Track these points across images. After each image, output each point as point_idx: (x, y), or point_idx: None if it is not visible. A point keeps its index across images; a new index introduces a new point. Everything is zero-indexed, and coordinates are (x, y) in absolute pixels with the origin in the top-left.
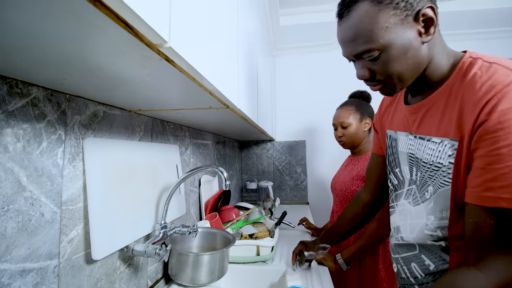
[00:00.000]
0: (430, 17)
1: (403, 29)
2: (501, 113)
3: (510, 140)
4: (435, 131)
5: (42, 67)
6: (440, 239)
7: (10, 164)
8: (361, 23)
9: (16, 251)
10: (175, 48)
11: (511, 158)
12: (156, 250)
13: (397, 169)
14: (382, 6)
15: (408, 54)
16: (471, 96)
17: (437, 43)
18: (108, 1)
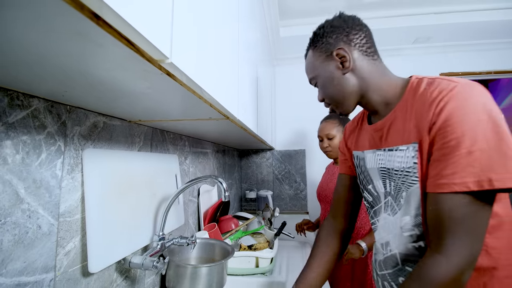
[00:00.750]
0: (343, 55)
1: (326, 65)
2: (447, 112)
3: (456, 134)
4: (401, 140)
5: (44, 80)
6: (419, 239)
7: (8, 176)
8: (308, 61)
9: (12, 265)
10: (176, 64)
11: (458, 149)
12: (154, 263)
13: (369, 185)
14: (314, 49)
15: (334, 82)
16: (424, 104)
17: (372, 74)
18: (111, 20)
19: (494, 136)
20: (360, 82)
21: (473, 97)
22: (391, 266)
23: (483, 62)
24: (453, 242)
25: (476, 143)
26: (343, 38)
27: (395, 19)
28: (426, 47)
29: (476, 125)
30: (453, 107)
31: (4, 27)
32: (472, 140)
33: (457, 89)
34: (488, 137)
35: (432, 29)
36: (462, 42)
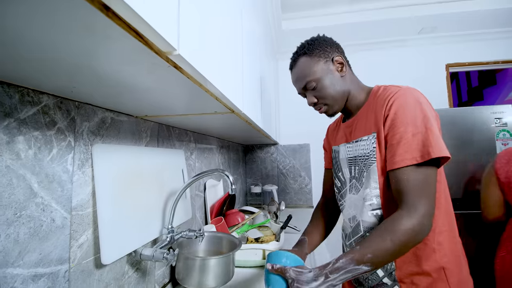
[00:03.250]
0: (341, 61)
1: (327, 68)
2: (395, 107)
3: (402, 123)
4: (363, 133)
5: (54, 76)
6: (377, 208)
7: (22, 171)
8: (303, 67)
9: (28, 257)
10: (183, 55)
11: (405, 134)
12: (164, 255)
13: (339, 173)
14: (311, 56)
15: (334, 82)
16: (379, 103)
17: (353, 81)
18: (120, 11)
19: (426, 123)
20: (348, 87)
21: (411, 97)
22: (356, 234)
23: (490, 51)
24: (412, 201)
25: (417, 128)
26: (335, 49)
27: (400, 9)
28: (432, 37)
29: (414, 117)
30: (398, 104)
31: (16, 22)
32: (413, 127)
33: (400, 91)
34: (423, 124)
35: (437, 18)
36: (468, 32)
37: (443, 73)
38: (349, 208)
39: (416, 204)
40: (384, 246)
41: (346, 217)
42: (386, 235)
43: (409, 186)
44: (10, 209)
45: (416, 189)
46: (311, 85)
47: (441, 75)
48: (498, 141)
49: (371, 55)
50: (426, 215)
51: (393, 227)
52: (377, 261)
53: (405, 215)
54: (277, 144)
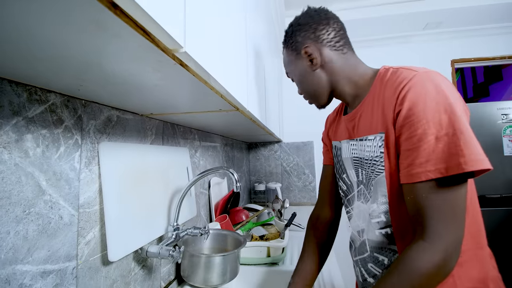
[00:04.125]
0: (310, 53)
1: (297, 63)
2: (410, 101)
3: (421, 123)
4: (369, 130)
5: (61, 75)
6: (386, 225)
7: (30, 169)
8: (283, 58)
9: (37, 253)
10: (189, 53)
11: (426, 136)
12: (170, 252)
13: (344, 174)
14: (286, 48)
15: (306, 79)
16: (389, 93)
17: (342, 67)
18: (128, 8)
19: (454, 122)
20: (330, 77)
21: (432, 85)
22: (362, 252)
23: (497, 46)
24: (436, 228)
25: (442, 129)
26: (310, 35)
27: (404, 4)
28: (437, 33)
29: (438, 113)
30: (414, 95)
31: (28, 21)
32: (437, 127)
33: (416, 77)
34: (451, 123)
35: (443, 13)
36: (474, 27)
37: (448, 69)
38: (358, 219)
39: (441, 232)
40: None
41: (354, 229)
42: (404, 277)
43: (431, 208)
44: (19, 207)
45: (441, 213)
46: (290, 77)
47: (446, 71)
48: (505, 138)
49: (375, 52)
50: (453, 244)
51: (412, 266)
52: None
53: (427, 249)
54: (281, 142)
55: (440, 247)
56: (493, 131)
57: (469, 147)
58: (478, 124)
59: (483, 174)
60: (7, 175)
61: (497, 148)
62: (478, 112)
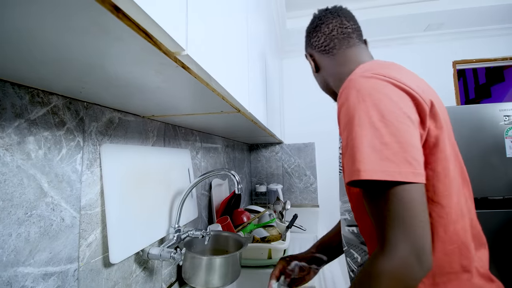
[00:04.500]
0: (309, 60)
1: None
2: (339, 107)
3: (341, 130)
4: None
5: (64, 77)
6: (351, 224)
7: (32, 171)
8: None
9: (39, 255)
10: (191, 55)
11: (344, 143)
12: (171, 254)
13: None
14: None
15: (315, 78)
16: None
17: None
18: (131, 12)
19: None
20: (328, 79)
21: (355, 92)
22: (344, 245)
23: (498, 48)
24: (387, 236)
25: (349, 137)
26: (308, 43)
27: (406, 6)
28: (439, 34)
29: (349, 120)
30: (341, 102)
31: (28, 24)
32: (347, 135)
33: (345, 85)
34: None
35: (444, 14)
36: (475, 28)
37: (450, 70)
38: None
39: (392, 240)
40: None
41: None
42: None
43: (376, 215)
44: (21, 209)
45: (386, 219)
46: None
47: (448, 72)
48: (507, 139)
49: (376, 53)
50: (410, 253)
51: (373, 273)
52: None
53: (384, 255)
54: (282, 143)
55: (395, 254)
56: (495, 133)
57: (364, 157)
58: (480, 126)
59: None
60: (9, 177)
61: (500, 150)
62: (480, 113)
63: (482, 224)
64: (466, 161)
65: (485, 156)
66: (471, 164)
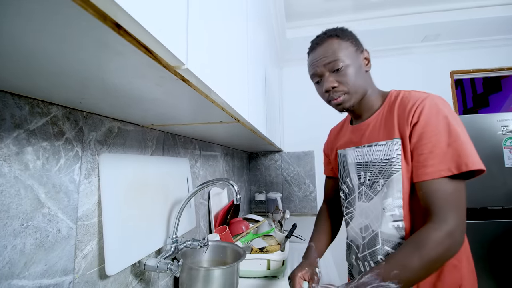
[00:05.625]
0: (367, 57)
1: (356, 57)
2: (425, 116)
3: (433, 133)
4: (379, 137)
5: (64, 89)
6: (399, 219)
7: (30, 182)
8: (331, 46)
9: (34, 268)
10: (191, 69)
11: (439, 143)
12: (168, 265)
13: (347, 178)
14: (343, 40)
15: (359, 73)
16: (404, 109)
17: (371, 82)
18: (132, 29)
19: (460, 133)
20: (369, 84)
21: (443, 105)
22: (372, 246)
23: (495, 58)
24: (443, 214)
25: (452, 138)
26: (362, 45)
27: (403, 18)
28: (436, 45)
29: (448, 126)
30: (429, 112)
31: (29, 39)
32: (448, 136)
33: (430, 98)
34: (457, 134)
35: (441, 26)
36: (472, 39)
37: (447, 80)
38: (360, 217)
39: (446, 217)
40: (412, 261)
41: (356, 226)
42: (415, 249)
43: (440, 198)
44: (17, 220)
45: (447, 202)
46: (337, 65)
47: (445, 82)
48: (506, 149)
49: (375, 63)
50: (457, 229)
51: (422, 241)
52: (404, 278)
53: (436, 228)
54: (281, 151)
55: (446, 229)
56: (494, 143)
57: (473, 153)
58: (479, 136)
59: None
60: (6, 188)
61: (498, 160)
62: (478, 123)
63: (481, 234)
64: None
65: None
66: None
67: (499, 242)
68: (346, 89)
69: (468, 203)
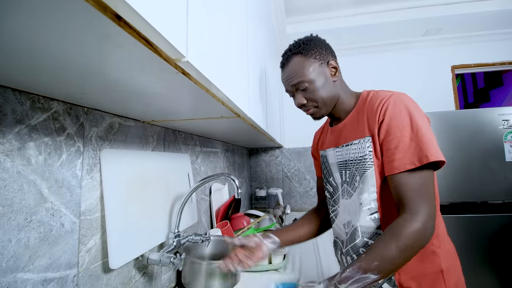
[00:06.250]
0: (335, 66)
1: (321, 71)
2: (390, 113)
3: (398, 129)
4: (353, 137)
5: (65, 83)
6: (375, 211)
7: (32, 177)
8: (296, 66)
9: (38, 261)
10: (191, 62)
11: (401, 138)
12: (171, 259)
13: (330, 178)
14: (306, 57)
15: (326, 86)
16: (372, 108)
17: (342, 86)
18: (132, 20)
19: (421, 127)
20: (339, 91)
21: (405, 102)
22: (353, 240)
23: (496, 52)
24: (414, 205)
25: (413, 133)
26: (330, 53)
27: (404, 12)
28: (437, 39)
29: (410, 121)
30: (393, 109)
31: (30, 33)
32: (410, 131)
33: (394, 96)
34: (418, 128)
35: (442, 20)
36: (474, 33)
37: (448, 74)
38: (343, 213)
39: (418, 207)
40: (390, 251)
41: (340, 222)
42: (391, 240)
43: (409, 191)
44: (21, 214)
45: (416, 193)
46: (303, 85)
47: (446, 77)
48: (506, 143)
49: (376, 58)
50: (429, 217)
51: (397, 232)
52: (384, 268)
53: (409, 219)
54: (282, 147)
55: (418, 218)
56: (494, 137)
57: (433, 145)
58: (479, 130)
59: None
60: (10, 183)
61: (499, 154)
62: (478, 118)
63: (481, 228)
64: (466, 166)
65: (484, 160)
66: (471, 168)
67: (499, 236)
68: (315, 103)
69: (469, 197)
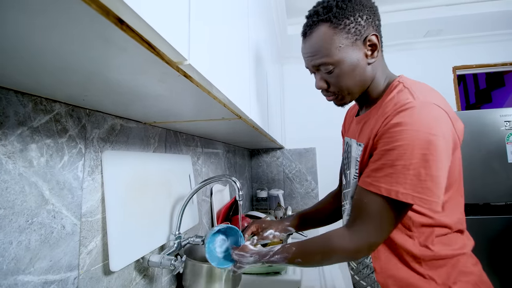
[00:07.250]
0: (375, 43)
1: (353, 50)
2: (389, 125)
3: (391, 145)
4: (364, 138)
5: (67, 86)
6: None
7: (34, 178)
8: (320, 41)
9: (39, 263)
10: (193, 65)
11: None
12: (172, 261)
13: (348, 171)
14: (337, 30)
15: (356, 71)
16: (384, 110)
17: (380, 66)
18: (134, 24)
19: (421, 160)
20: (374, 74)
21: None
22: None
23: (498, 53)
24: (360, 226)
25: (401, 159)
26: (372, 22)
27: (405, 13)
28: (438, 40)
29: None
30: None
31: (33, 36)
32: (399, 155)
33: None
34: (415, 159)
35: (443, 21)
36: (475, 34)
37: (450, 75)
38: (347, 215)
39: (362, 230)
40: (314, 257)
41: (346, 220)
42: (321, 249)
43: (364, 211)
44: (22, 216)
45: (370, 218)
46: (326, 68)
47: (448, 78)
48: (509, 145)
49: None
50: (367, 243)
51: (330, 243)
52: (303, 266)
53: (346, 236)
54: (283, 148)
55: (355, 241)
56: (497, 138)
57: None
58: (481, 131)
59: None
60: (11, 185)
61: (501, 155)
62: (481, 119)
63: (484, 229)
64: (468, 167)
65: (486, 161)
66: (473, 169)
67: (502, 238)
68: (337, 90)
69: (471, 198)
